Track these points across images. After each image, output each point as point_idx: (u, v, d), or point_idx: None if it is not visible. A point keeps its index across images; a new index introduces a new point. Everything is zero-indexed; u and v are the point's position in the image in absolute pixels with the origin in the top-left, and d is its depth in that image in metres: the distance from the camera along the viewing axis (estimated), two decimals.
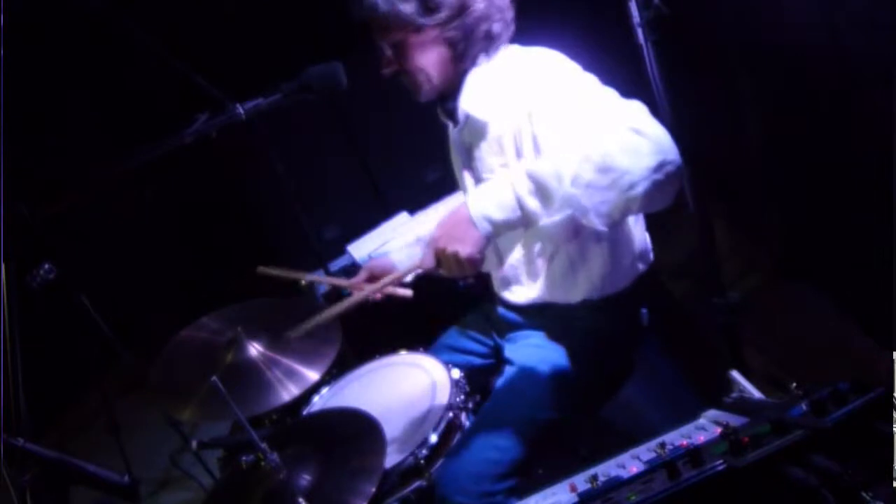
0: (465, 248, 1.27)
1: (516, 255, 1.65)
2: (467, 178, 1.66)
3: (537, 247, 1.60)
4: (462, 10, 1.45)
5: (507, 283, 1.71)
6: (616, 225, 1.48)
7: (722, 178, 2.93)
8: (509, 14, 1.52)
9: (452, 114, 1.58)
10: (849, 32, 1.83)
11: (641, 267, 1.70)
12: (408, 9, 1.42)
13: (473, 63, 1.52)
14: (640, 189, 1.19)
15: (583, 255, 1.58)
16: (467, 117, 1.54)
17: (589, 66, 1.46)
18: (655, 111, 1.94)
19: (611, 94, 1.36)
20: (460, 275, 1.32)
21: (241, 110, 1.68)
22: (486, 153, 1.54)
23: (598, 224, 1.24)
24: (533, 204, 1.25)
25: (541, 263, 1.62)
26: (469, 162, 1.62)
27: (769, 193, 2.69)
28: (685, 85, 2.03)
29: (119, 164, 1.64)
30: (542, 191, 1.24)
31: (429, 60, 1.49)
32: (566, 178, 1.20)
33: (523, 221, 1.28)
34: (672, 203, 1.27)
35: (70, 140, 3.46)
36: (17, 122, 1.70)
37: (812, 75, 2.04)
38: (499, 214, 1.27)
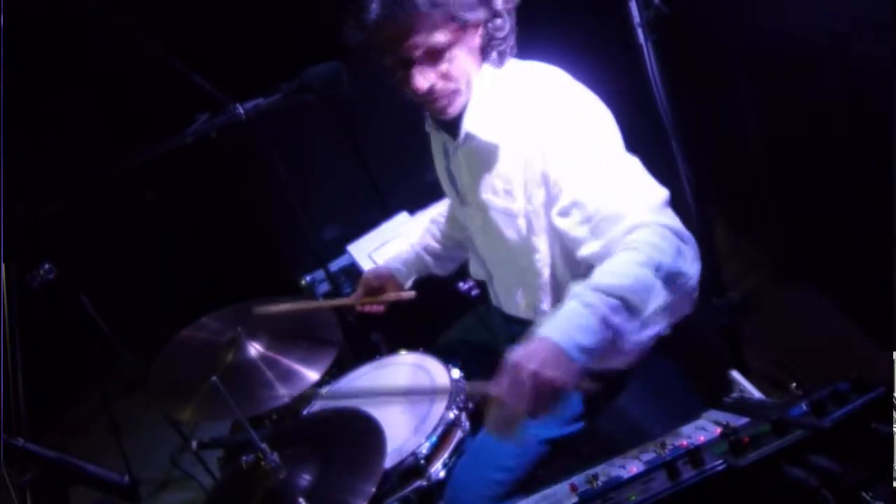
0: (562, 376, 1.04)
1: (505, 272, 1.62)
2: (453, 194, 1.61)
3: (525, 264, 1.50)
4: (494, 13, 1.32)
5: (499, 296, 1.70)
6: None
7: (722, 179, 2.93)
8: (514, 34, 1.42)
9: (450, 128, 1.44)
10: (849, 33, 1.83)
11: None
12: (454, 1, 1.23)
13: (492, 67, 1.37)
14: (694, 291, 1.19)
15: (573, 273, 1.48)
16: (468, 136, 1.40)
17: (589, 65, 1.45)
18: (656, 112, 1.96)
19: (620, 146, 1.31)
20: (544, 409, 1.06)
21: (241, 110, 1.68)
22: (484, 180, 1.43)
23: (658, 332, 1.16)
24: (623, 319, 1.10)
25: (530, 280, 1.53)
26: (460, 182, 1.54)
27: (769, 193, 2.69)
28: (685, 85, 2.03)
29: (119, 164, 1.64)
30: (629, 306, 1.10)
31: (471, 67, 1.33)
32: (655, 286, 1.11)
33: (612, 340, 1.11)
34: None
35: (70, 140, 3.46)
36: (17, 122, 1.70)
37: (812, 76, 2.04)
38: (587, 339, 1.07)
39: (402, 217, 2.75)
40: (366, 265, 2.50)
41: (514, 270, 1.56)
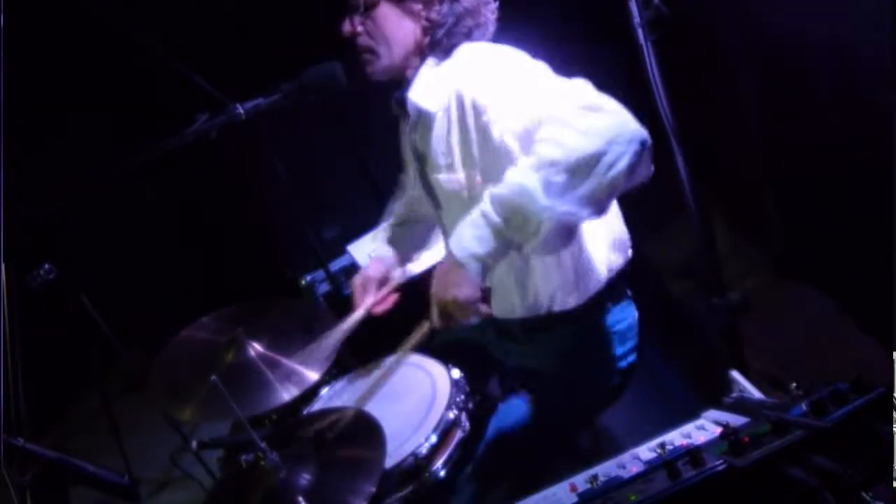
0: (461, 291, 1.27)
1: None
2: (417, 177, 1.62)
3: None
4: None
5: None
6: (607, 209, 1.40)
7: (722, 179, 2.93)
8: (492, 26, 1.46)
9: (403, 105, 1.51)
10: (849, 33, 1.83)
11: (605, 274, 1.58)
12: None
13: (440, 55, 1.43)
14: (620, 165, 1.15)
15: (529, 268, 1.52)
16: (419, 113, 1.46)
17: (589, 65, 1.45)
18: (655, 111, 1.96)
19: (557, 78, 1.31)
20: (470, 318, 1.31)
21: (241, 110, 1.68)
22: (435, 152, 1.47)
23: (589, 217, 1.20)
24: (512, 229, 1.20)
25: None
26: (419, 162, 1.57)
27: (769, 193, 2.69)
28: (685, 85, 2.03)
29: (119, 164, 1.64)
30: (516, 213, 1.19)
31: (398, 34, 1.42)
32: (537, 192, 1.15)
33: (507, 248, 1.24)
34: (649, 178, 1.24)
35: (70, 140, 3.46)
36: (17, 121, 1.70)
37: (812, 76, 2.04)
38: (480, 247, 1.23)
39: None
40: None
41: None
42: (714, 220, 2.12)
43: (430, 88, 1.43)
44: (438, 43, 1.42)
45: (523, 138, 1.27)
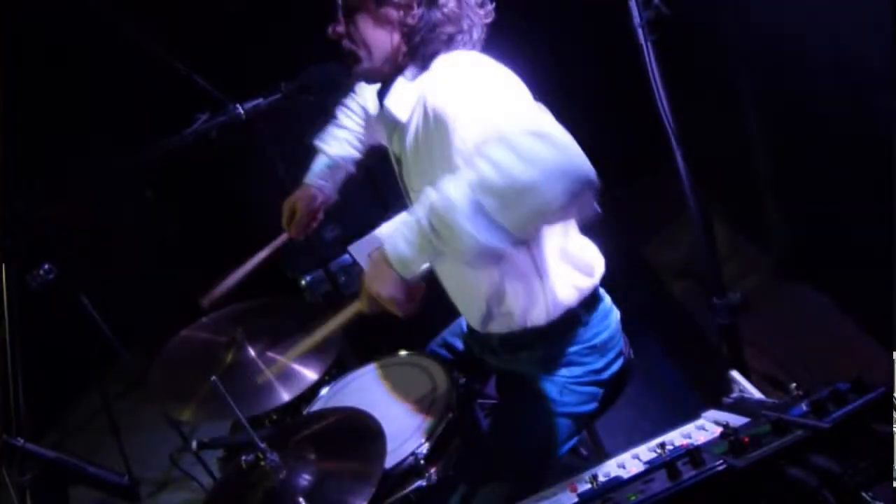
0: (386, 289, 1.26)
1: (447, 268, 1.61)
2: (399, 179, 1.62)
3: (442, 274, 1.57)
4: (432, 2, 1.37)
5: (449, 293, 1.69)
6: (532, 238, 1.42)
7: (722, 179, 2.93)
8: (478, 32, 1.44)
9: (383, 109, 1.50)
10: (849, 33, 1.83)
11: (574, 295, 1.56)
12: None
13: (421, 64, 1.42)
14: (554, 202, 1.09)
15: (500, 285, 1.51)
16: (394, 121, 1.46)
17: (589, 66, 1.44)
18: (656, 112, 1.96)
19: (525, 98, 1.27)
20: (397, 311, 1.29)
21: (241, 110, 1.68)
22: (408, 160, 1.47)
23: (512, 246, 1.15)
24: (440, 240, 1.17)
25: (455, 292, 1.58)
26: (399, 170, 1.57)
27: (769, 193, 2.69)
28: (685, 85, 2.03)
29: (119, 164, 1.64)
30: (444, 226, 1.15)
31: (376, 39, 1.41)
32: (465, 212, 1.11)
33: (434, 256, 1.22)
34: (593, 213, 1.18)
35: (70, 140, 3.46)
36: (17, 121, 1.70)
37: (812, 76, 2.04)
38: (409, 251, 1.22)
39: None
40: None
41: (455, 268, 1.57)
42: (714, 220, 2.12)
43: (403, 97, 1.43)
44: (416, 49, 1.42)
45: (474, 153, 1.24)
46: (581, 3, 3.07)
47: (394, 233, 1.25)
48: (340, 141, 1.92)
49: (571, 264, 1.55)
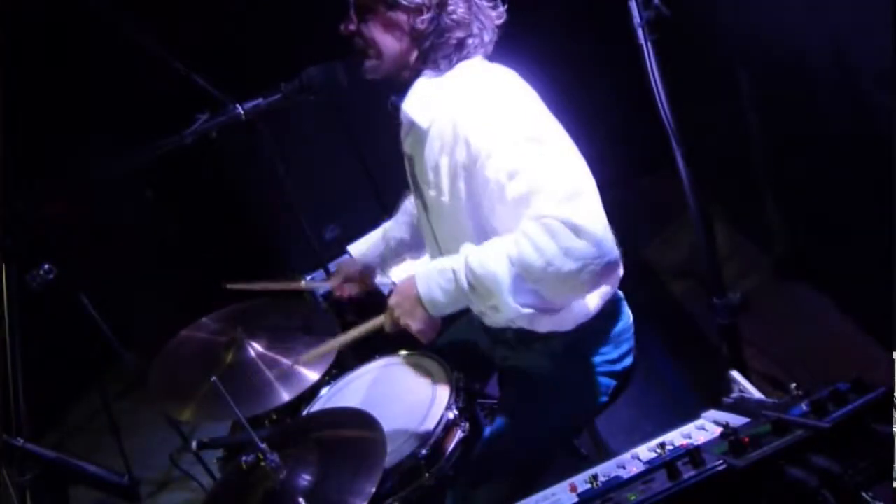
0: (415, 324, 1.36)
1: None
2: (408, 176, 1.65)
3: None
4: (441, 7, 1.39)
5: None
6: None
7: (722, 179, 2.93)
8: (490, 35, 1.46)
9: (397, 111, 1.52)
10: (849, 33, 1.83)
11: (598, 303, 1.60)
12: None
13: (436, 68, 1.45)
14: (588, 284, 1.26)
15: None
16: (412, 124, 1.48)
17: (589, 66, 1.45)
18: (656, 112, 1.96)
19: (557, 141, 1.33)
20: (421, 340, 1.39)
21: (241, 110, 1.68)
22: (424, 166, 1.50)
23: (545, 306, 1.36)
24: (476, 297, 1.30)
25: None
26: (411, 168, 1.60)
27: (769, 193, 2.69)
28: (685, 85, 2.03)
29: (119, 164, 1.64)
30: (482, 289, 1.28)
31: (387, 41, 1.44)
32: (506, 286, 1.25)
33: (468, 306, 1.35)
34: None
35: (70, 140, 3.46)
36: (17, 121, 1.70)
37: (812, 76, 2.04)
38: (444, 299, 1.33)
39: None
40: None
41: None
42: (714, 220, 2.12)
43: (424, 103, 1.46)
44: (427, 55, 1.44)
45: (505, 187, 1.31)
46: (581, 3, 3.07)
47: (429, 279, 1.35)
48: (401, 225, 1.99)
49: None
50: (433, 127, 1.44)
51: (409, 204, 1.95)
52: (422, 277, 1.35)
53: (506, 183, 1.29)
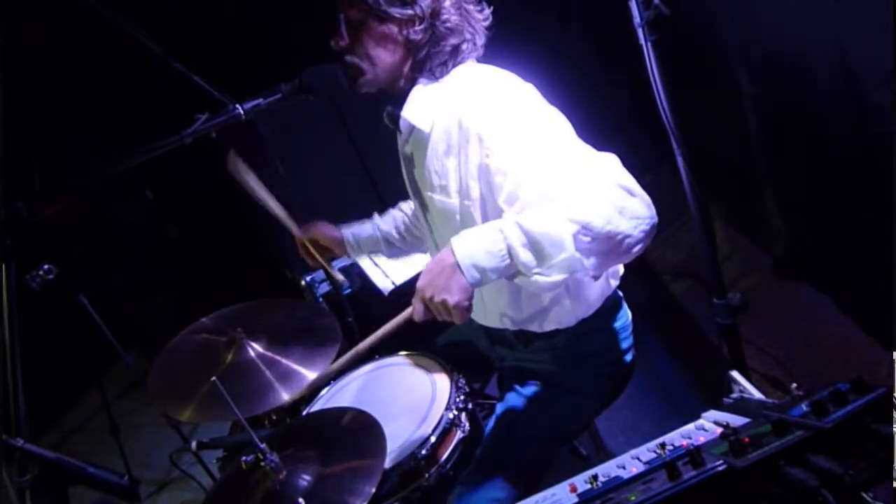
0: (452, 297, 1.22)
1: None
2: (407, 181, 1.64)
3: None
4: (434, 16, 1.38)
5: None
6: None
7: (722, 179, 2.93)
8: (481, 38, 1.46)
9: (396, 121, 1.52)
10: (849, 33, 1.83)
11: (599, 301, 1.62)
12: None
13: (432, 75, 1.44)
14: (636, 248, 1.23)
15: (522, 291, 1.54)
16: (412, 129, 1.48)
17: (589, 66, 1.45)
18: (656, 112, 1.96)
19: (566, 130, 1.34)
20: (452, 319, 1.27)
21: (241, 110, 1.68)
22: (426, 169, 1.49)
23: (590, 275, 1.25)
24: (526, 257, 1.20)
25: (488, 292, 1.59)
26: (411, 174, 1.58)
27: (769, 194, 2.69)
28: (686, 85, 2.03)
29: (119, 164, 1.63)
30: (536, 249, 1.20)
31: (381, 54, 1.43)
32: (567, 243, 1.17)
33: (511, 271, 1.23)
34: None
35: (70, 140, 3.46)
36: (17, 121, 1.70)
37: (812, 75, 2.04)
38: (487, 262, 1.21)
39: None
40: (366, 265, 2.50)
41: None
42: (714, 220, 2.12)
43: (424, 108, 1.45)
44: (423, 64, 1.43)
45: (520, 185, 1.29)
46: (581, 3, 3.08)
47: (467, 242, 1.24)
48: (391, 220, 1.97)
49: (607, 273, 1.61)
50: (435, 130, 1.44)
51: (406, 206, 1.95)
52: (459, 243, 1.24)
53: (527, 185, 1.28)
